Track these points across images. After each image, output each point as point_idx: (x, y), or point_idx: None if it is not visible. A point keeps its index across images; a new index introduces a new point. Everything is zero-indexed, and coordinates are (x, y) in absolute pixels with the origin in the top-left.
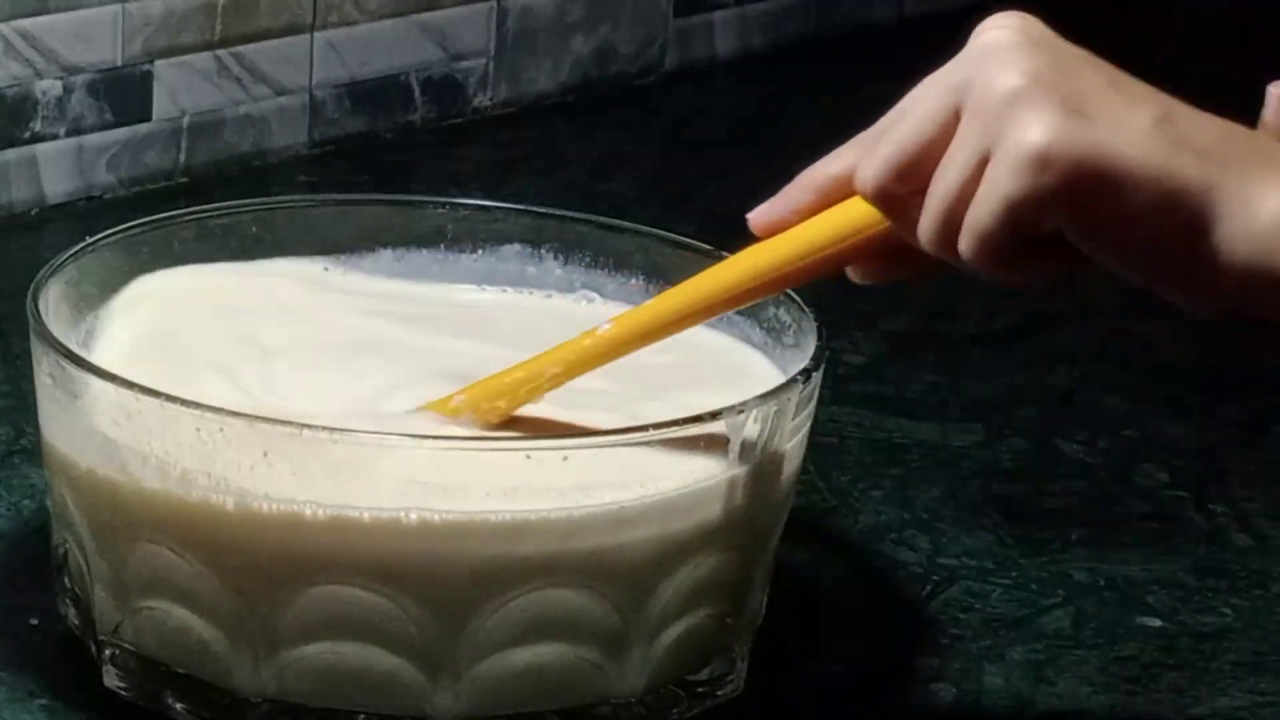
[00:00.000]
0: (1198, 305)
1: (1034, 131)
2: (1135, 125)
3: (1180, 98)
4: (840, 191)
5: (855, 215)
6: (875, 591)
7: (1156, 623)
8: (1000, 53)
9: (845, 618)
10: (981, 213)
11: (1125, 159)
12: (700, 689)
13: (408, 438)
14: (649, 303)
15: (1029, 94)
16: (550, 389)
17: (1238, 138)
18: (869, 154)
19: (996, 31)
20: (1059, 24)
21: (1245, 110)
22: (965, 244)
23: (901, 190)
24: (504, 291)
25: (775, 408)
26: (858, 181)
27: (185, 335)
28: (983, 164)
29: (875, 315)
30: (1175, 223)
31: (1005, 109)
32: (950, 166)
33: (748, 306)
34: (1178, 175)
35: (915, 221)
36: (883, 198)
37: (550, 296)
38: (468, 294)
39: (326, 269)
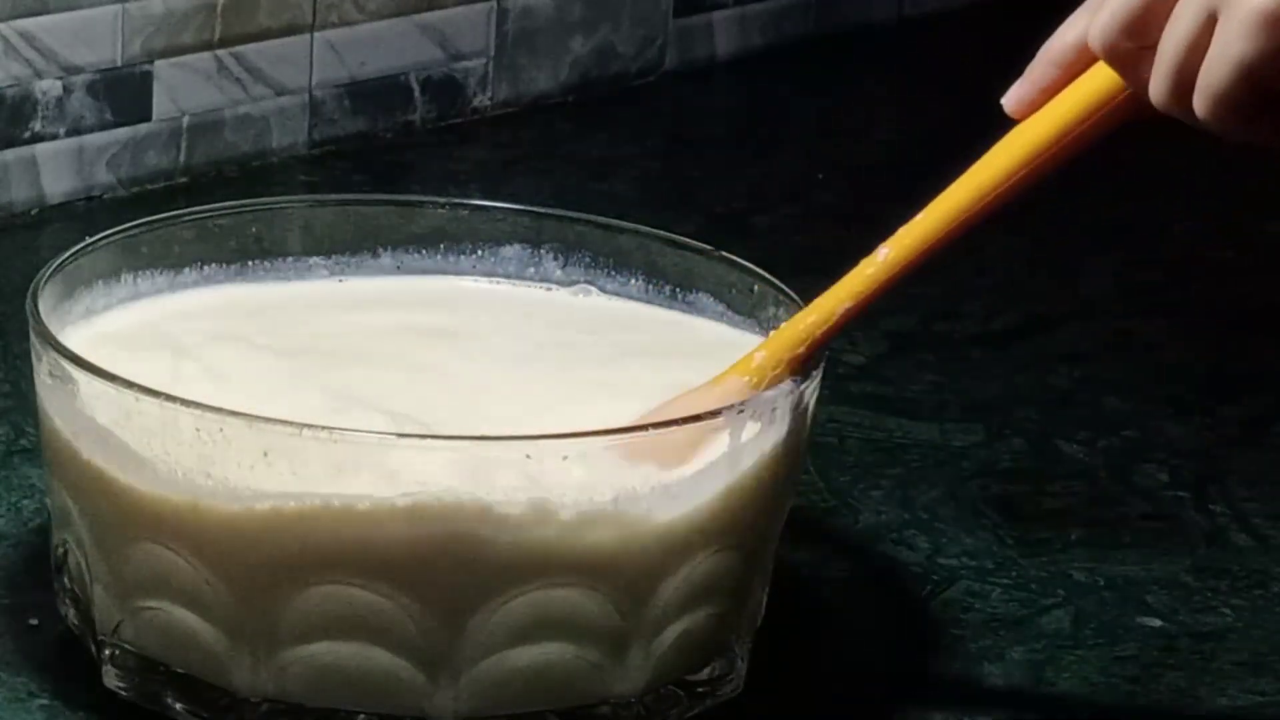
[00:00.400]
0: None
1: None
2: None
3: None
4: (1084, 60)
5: (1099, 85)
6: (875, 591)
7: (1156, 623)
8: None
9: (845, 618)
10: (1215, 74)
11: None
12: (700, 689)
13: (407, 438)
14: (919, 217)
15: None
16: (844, 324)
17: None
18: (1099, 11)
19: None
20: None
21: None
22: (1200, 105)
23: (1131, 45)
24: (497, 283)
25: (775, 407)
26: (1090, 39)
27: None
28: (1211, 20)
29: (875, 315)
30: None
31: None
32: (1178, 22)
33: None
34: None
35: (1148, 80)
36: (1113, 54)
37: (551, 289)
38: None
39: (341, 280)
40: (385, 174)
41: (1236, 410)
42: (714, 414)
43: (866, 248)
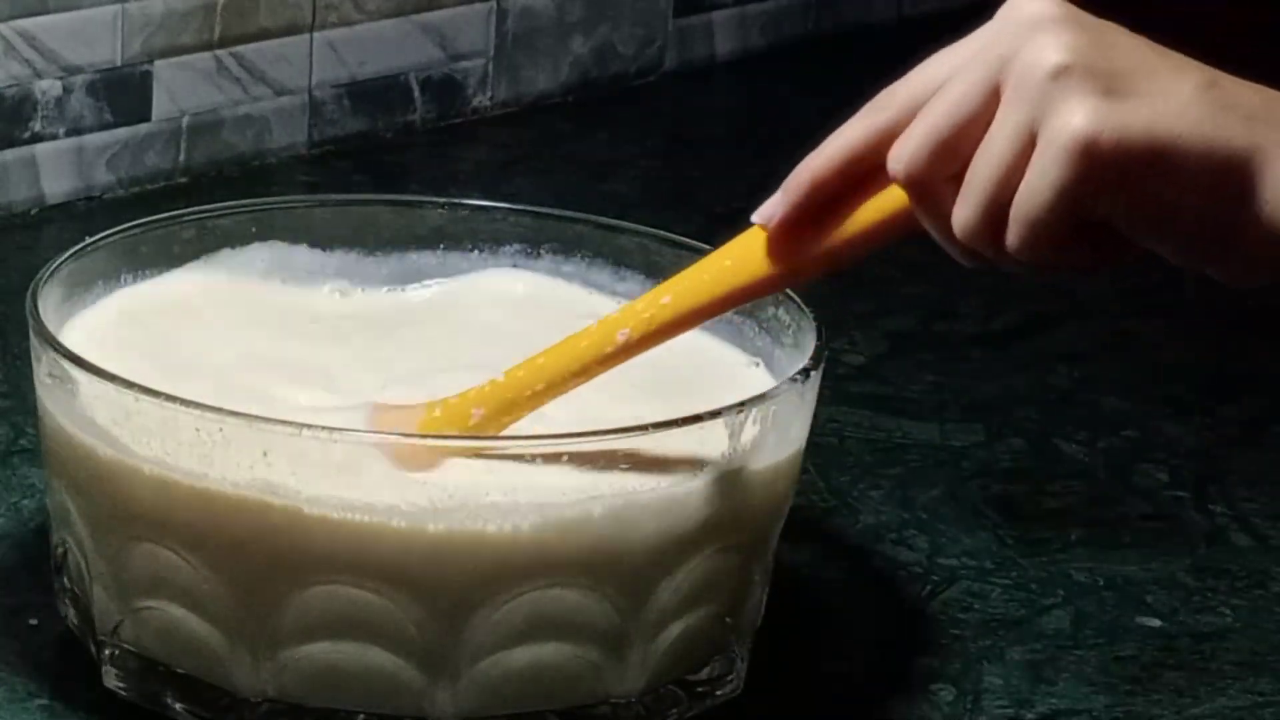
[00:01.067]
0: (1243, 279)
1: (1077, 118)
2: (1180, 94)
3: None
4: (843, 182)
5: (884, 206)
6: (875, 591)
7: (1156, 623)
8: (1042, 27)
9: (845, 618)
10: (1033, 202)
11: (1171, 133)
12: (700, 689)
13: (408, 438)
14: (664, 300)
15: (1071, 75)
16: (562, 393)
17: None
18: (904, 136)
19: (1035, 4)
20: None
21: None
22: (1015, 234)
23: (938, 173)
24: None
25: (774, 408)
26: (891, 165)
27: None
28: (1028, 145)
29: (875, 315)
30: (1223, 190)
31: (1048, 89)
32: (992, 147)
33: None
34: (1225, 140)
35: (945, 212)
36: (916, 183)
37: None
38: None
39: (340, 293)
40: (385, 174)
41: (1236, 410)
42: (714, 414)
43: None
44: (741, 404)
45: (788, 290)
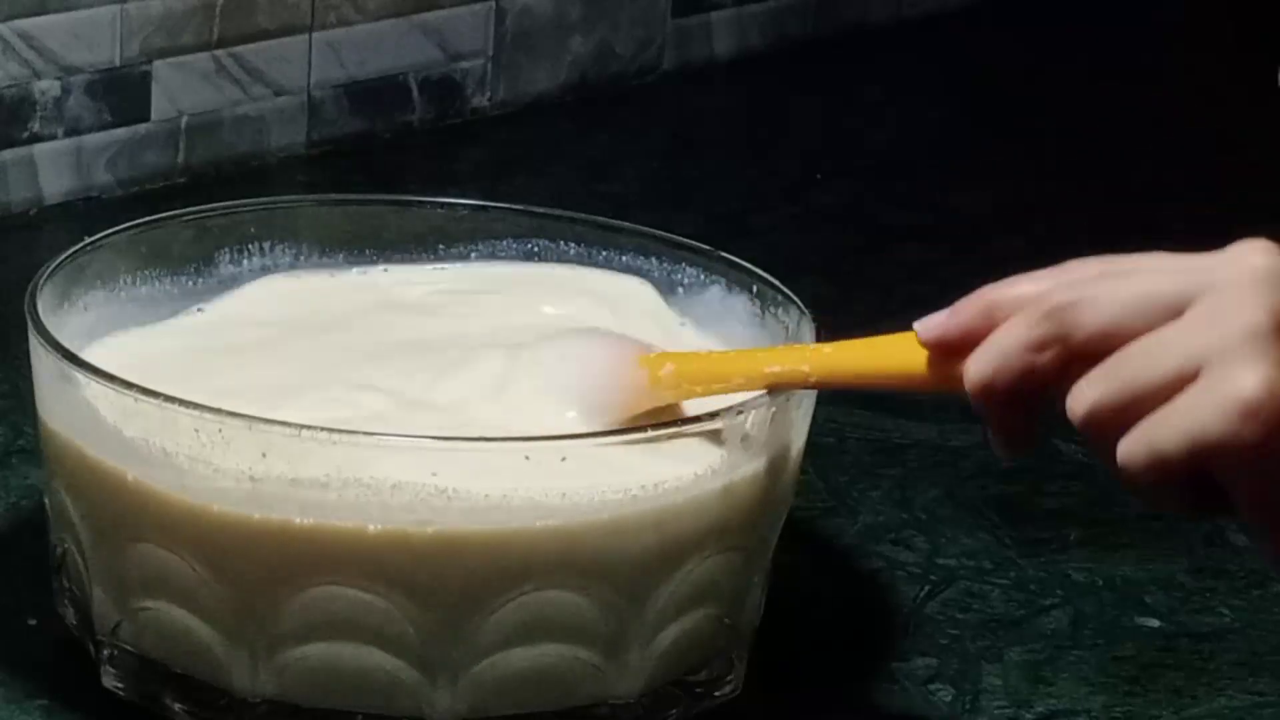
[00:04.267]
0: None
1: (1250, 379)
2: None
3: None
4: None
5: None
6: (874, 592)
7: (1155, 623)
8: (1257, 281)
9: (844, 618)
10: (1166, 433)
11: None
12: (698, 689)
13: (407, 438)
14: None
15: (1262, 338)
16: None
17: None
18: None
19: (1260, 257)
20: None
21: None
22: (1132, 450)
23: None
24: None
25: (774, 408)
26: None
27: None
28: (1191, 374)
29: (875, 315)
30: None
31: (1235, 340)
32: (1158, 353)
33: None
34: None
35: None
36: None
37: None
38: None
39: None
40: (384, 174)
41: None
42: (712, 416)
43: (865, 248)
44: (741, 405)
45: (787, 291)
